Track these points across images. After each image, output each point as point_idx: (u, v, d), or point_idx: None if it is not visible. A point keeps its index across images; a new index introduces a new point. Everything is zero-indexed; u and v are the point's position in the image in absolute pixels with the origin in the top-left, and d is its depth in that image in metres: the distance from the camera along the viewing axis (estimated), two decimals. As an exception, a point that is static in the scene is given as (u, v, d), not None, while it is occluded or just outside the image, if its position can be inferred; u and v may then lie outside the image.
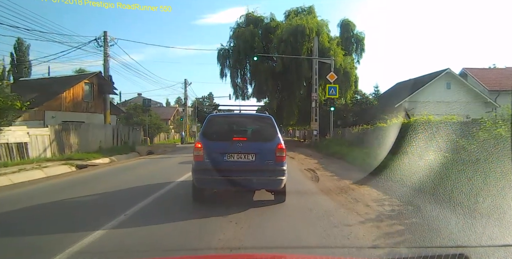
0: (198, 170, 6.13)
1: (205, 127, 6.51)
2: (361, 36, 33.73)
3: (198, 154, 6.08)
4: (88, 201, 7.32)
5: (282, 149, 6.15)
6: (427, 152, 8.60)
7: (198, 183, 6.21)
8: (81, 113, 21.59)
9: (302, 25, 28.01)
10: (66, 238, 4.51)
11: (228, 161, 6.04)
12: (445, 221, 5.15)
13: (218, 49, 32.32)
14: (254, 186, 6.25)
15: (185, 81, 47.76)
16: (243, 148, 6.08)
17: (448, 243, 4.35)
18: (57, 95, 19.93)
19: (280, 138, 6.33)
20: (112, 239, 4.56)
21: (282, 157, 6.15)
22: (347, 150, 17.57)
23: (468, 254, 3.56)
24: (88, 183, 10.10)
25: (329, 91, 24.91)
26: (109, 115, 24.13)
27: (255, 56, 25.32)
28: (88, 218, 5.71)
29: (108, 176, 12.08)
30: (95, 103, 22.77)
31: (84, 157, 17.40)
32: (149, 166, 15.56)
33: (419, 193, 6.88)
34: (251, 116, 7.59)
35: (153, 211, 6.17)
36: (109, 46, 24.00)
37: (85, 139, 20.10)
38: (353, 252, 4.14)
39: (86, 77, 21.53)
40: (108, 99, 24.23)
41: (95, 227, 4.91)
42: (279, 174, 6.06)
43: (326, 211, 6.01)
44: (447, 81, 30.36)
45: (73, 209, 6.49)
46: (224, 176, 5.91)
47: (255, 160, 6.06)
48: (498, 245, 4.24)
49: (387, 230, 4.94)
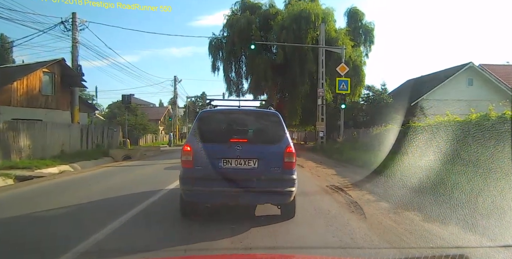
0: (187, 179, 5.23)
1: (196, 126, 5.55)
2: (370, 27, 30.21)
3: (187, 159, 5.22)
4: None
5: (292, 152, 5.23)
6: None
7: (187, 196, 5.29)
8: (38, 109, 17.51)
9: (307, 11, 24.34)
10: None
11: (224, 168, 5.16)
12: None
13: (209, 39, 28.49)
14: (257, 199, 5.38)
15: (175, 78, 44.39)
16: (243, 151, 5.18)
17: (448, 244, 4.30)
18: (5, 86, 15.89)
19: (289, 139, 5.45)
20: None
21: (292, 163, 5.24)
22: (369, 156, 13.96)
23: (468, 254, 3.47)
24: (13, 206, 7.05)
25: (339, 86, 21.21)
26: (78, 113, 20.13)
27: (252, 44, 21.50)
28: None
29: (46, 194, 8.44)
30: (57, 98, 18.68)
31: (33, 165, 13.48)
32: (115, 177, 11.74)
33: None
34: (253, 112, 6.44)
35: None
36: (78, 30, 20.25)
37: (40, 141, 16.11)
38: (353, 252, 4.08)
39: (45, 65, 17.47)
40: (76, 94, 20.23)
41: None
42: (288, 184, 5.16)
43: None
44: (468, 77, 27.14)
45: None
46: (219, 187, 5.10)
47: (258, 166, 5.18)
48: (499, 245, 4.16)
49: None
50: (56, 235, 4.74)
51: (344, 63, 21.70)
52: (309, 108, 27.15)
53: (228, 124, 5.83)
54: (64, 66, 18.28)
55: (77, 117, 20.16)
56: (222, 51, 28.18)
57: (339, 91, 21.32)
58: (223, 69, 28.56)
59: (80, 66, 20.28)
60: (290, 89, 26.16)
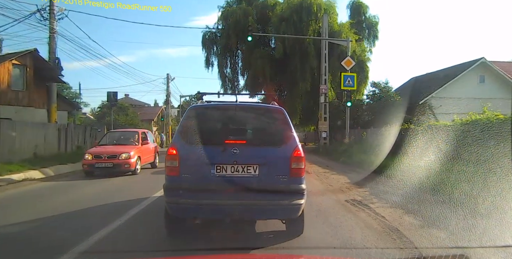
0: (173, 190, 4.31)
1: (184, 124, 4.68)
2: (374, 21, 28.47)
3: (173, 165, 4.33)
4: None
5: (301, 157, 4.35)
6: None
7: (173, 210, 4.37)
8: (6, 106, 15.44)
9: (308, 1, 22.48)
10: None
11: (218, 176, 4.26)
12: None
13: (203, 32, 26.52)
14: (258, 215, 4.46)
15: (168, 76, 42.58)
16: (240, 156, 4.26)
17: (448, 244, 4.27)
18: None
19: (297, 140, 4.54)
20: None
21: (300, 169, 4.35)
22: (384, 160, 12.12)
23: (468, 254, 3.55)
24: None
25: (345, 82, 19.32)
26: (55, 111, 18.10)
27: (249, 35, 19.55)
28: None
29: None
30: (30, 94, 16.58)
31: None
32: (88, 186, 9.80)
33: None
34: (253, 108, 5.37)
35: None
36: (56, 19, 18.29)
37: (8, 143, 14.08)
38: (353, 252, 4.03)
39: (14, 56, 15.41)
40: (54, 90, 18.17)
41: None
42: (295, 196, 4.26)
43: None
44: (480, 74, 25.52)
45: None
46: (212, 200, 4.22)
47: (259, 174, 4.28)
48: (499, 245, 4.13)
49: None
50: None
51: (349, 57, 19.82)
52: (309, 107, 25.37)
53: (223, 123, 4.99)
54: (38, 58, 16.23)
55: (55, 116, 18.12)
56: (217, 46, 26.30)
57: (345, 88, 19.45)
58: (218, 64, 26.70)
59: (58, 59, 18.23)
60: (290, 86, 24.28)
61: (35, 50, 15.71)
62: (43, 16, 17.81)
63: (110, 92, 22.86)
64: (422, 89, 25.85)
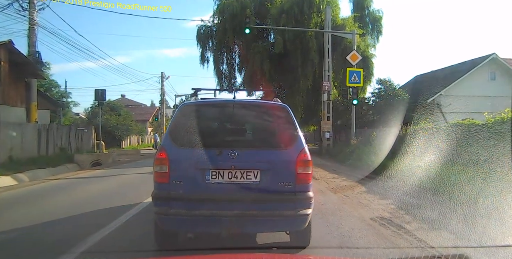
0: (162, 199, 3.93)
1: (175, 123, 4.26)
2: (378, 16, 26.92)
3: (162, 171, 3.93)
4: None
5: (308, 160, 3.96)
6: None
7: (162, 222, 3.98)
8: (-24, 104, 13.98)
9: (310, -8, 21.03)
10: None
11: (214, 183, 3.89)
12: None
13: (198, 27, 24.98)
14: (259, 227, 4.03)
15: (162, 74, 41.24)
16: (239, 160, 3.89)
17: (448, 243, 4.24)
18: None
19: (303, 142, 4.12)
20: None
21: (308, 175, 3.94)
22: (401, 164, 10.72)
23: (468, 254, 3.42)
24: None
25: (350, 78, 17.90)
26: (35, 110, 16.63)
27: (247, 28, 18.11)
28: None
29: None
30: (5, 90, 14.97)
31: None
32: (59, 196, 8.32)
33: None
34: (254, 105, 4.91)
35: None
36: (36, 10, 16.83)
37: (-24, 145, 12.63)
38: (353, 252, 4.00)
39: (-15, 49, 13.91)
40: (34, 86, 16.69)
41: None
42: (302, 204, 3.89)
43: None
44: (491, 71, 24.20)
45: None
46: (206, 210, 3.84)
47: (261, 181, 3.90)
48: (499, 245, 4.10)
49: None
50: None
51: (355, 51, 18.40)
52: (309, 106, 23.93)
53: (220, 122, 4.72)
54: (14, 51, 14.69)
55: (35, 115, 16.64)
56: (212, 41, 24.77)
57: (350, 85, 18.04)
58: (213, 60, 25.17)
59: (38, 53, 16.79)
60: (290, 83, 22.77)
61: (10, 42, 14.17)
62: (22, 6, 16.45)
63: (98, 90, 21.30)
64: (428, 88, 24.56)
